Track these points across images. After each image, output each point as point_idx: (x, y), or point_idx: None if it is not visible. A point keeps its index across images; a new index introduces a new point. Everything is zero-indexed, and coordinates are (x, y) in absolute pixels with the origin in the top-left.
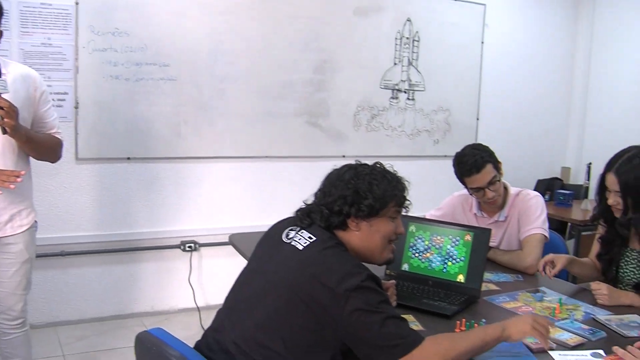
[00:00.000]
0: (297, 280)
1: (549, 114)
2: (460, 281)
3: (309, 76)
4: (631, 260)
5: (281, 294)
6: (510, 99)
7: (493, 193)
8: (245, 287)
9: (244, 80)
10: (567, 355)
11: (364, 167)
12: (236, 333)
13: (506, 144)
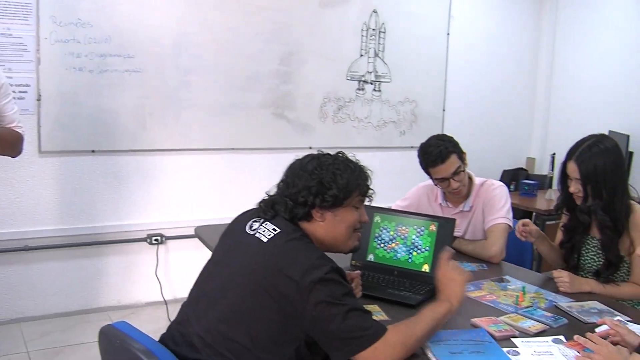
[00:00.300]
0: (261, 272)
1: (514, 105)
2: (426, 271)
3: (275, 68)
4: (591, 248)
5: (245, 286)
6: (475, 91)
7: (458, 183)
8: (210, 280)
9: (209, 72)
10: (530, 342)
11: (327, 157)
12: (201, 326)
13: (472, 135)
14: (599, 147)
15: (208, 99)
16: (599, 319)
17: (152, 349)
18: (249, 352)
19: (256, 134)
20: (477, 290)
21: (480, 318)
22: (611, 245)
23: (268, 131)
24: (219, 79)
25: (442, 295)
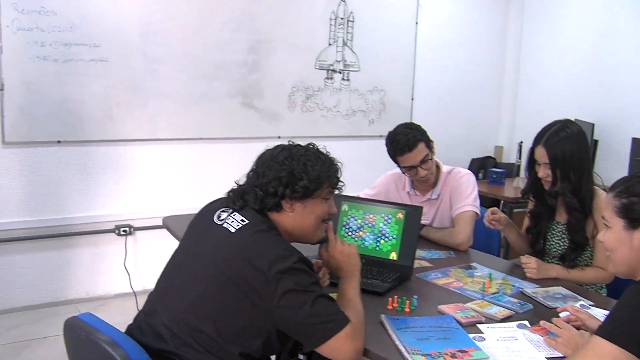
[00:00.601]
0: (229, 263)
1: (482, 94)
2: (393, 259)
3: (243, 57)
4: (557, 233)
5: (213, 277)
6: (444, 79)
7: (425, 171)
8: (177, 270)
9: (176, 61)
10: (495, 328)
11: (297, 148)
12: (168, 316)
13: (441, 124)
14: (566, 132)
15: (176, 89)
16: (563, 304)
17: (117, 340)
18: (215, 343)
19: (224, 124)
20: (445, 278)
21: (447, 305)
22: (578, 227)
23: (236, 121)
24: (186, 68)
25: (345, 272)
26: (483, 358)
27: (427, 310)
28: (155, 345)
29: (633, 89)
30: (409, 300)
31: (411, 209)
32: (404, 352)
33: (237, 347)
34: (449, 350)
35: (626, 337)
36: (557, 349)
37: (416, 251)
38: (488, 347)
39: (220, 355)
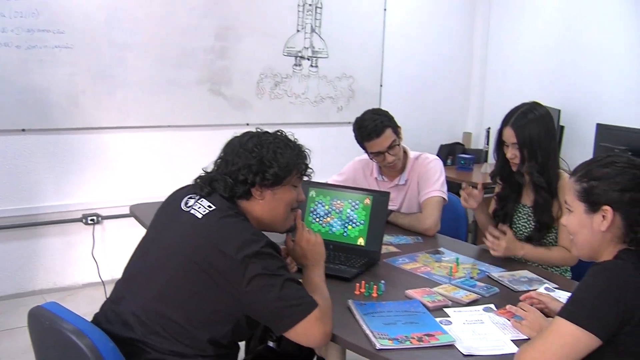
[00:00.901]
0: (196, 248)
1: (450, 80)
2: (361, 244)
3: (210, 43)
4: (523, 215)
5: (180, 263)
6: (412, 66)
7: (393, 157)
8: (144, 257)
9: (143, 48)
10: (462, 311)
11: (266, 135)
12: (135, 304)
13: (409, 110)
14: (534, 113)
15: (143, 76)
16: (529, 287)
17: (83, 329)
18: (184, 330)
19: (192, 111)
20: (412, 263)
21: (415, 289)
22: (545, 206)
23: (204, 108)
24: (153, 55)
25: (310, 261)
26: (449, 341)
27: (394, 295)
28: (122, 333)
29: (597, 76)
30: (377, 286)
31: (378, 194)
32: (370, 337)
33: (206, 334)
34: (416, 334)
35: (587, 318)
36: (522, 331)
37: (384, 237)
38: (454, 330)
39: (189, 342)
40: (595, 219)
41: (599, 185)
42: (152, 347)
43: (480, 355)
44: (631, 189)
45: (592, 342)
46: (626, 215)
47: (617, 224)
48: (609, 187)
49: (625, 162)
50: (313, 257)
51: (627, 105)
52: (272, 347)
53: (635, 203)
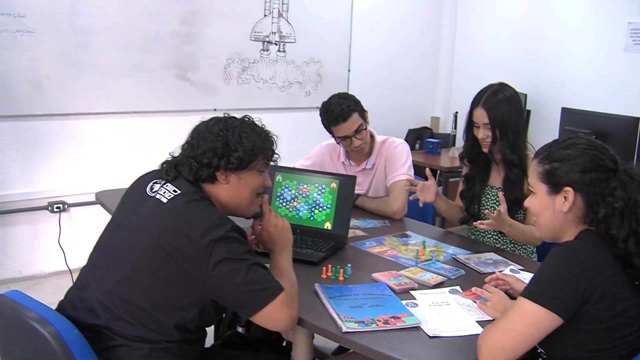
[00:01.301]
0: (161, 233)
1: (418, 65)
2: (328, 228)
3: (176, 28)
4: (491, 197)
5: (145, 248)
6: (380, 51)
7: (360, 141)
8: (109, 243)
9: (108, 33)
10: (428, 294)
11: (233, 120)
12: (101, 290)
13: (377, 95)
14: (503, 93)
15: (108, 61)
16: (494, 269)
17: (46, 317)
18: (149, 315)
19: (159, 97)
20: (379, 246)
21: (381, 273)
22: (517, 182)
23: (171, 93)
24: (118, 40)
25: (278, 245)
26: (415, 323)
27: (361, 279)
28: (87, 320)
29: (562, 61)
30: (343, 269)
31: (345, 178)
32: (337, 320)
33: (172, 319)
34: (382, 316)
35: (549, 298)
36: (487, 312)
37: (351, 220)
38: (420, 312)
39: (155, 328)
40: (557, 200)
41: (560, 167)
42: (117, 334)
43: (445, 337)
44: (591, 170)
45: (554, 321)
46: (587, 196)
47: (578, 204)
48: (570, 169)
49: (585, 143)
50: (280, 241)
51: (590, 89)
52: (241, 332)
53: (595, 184)
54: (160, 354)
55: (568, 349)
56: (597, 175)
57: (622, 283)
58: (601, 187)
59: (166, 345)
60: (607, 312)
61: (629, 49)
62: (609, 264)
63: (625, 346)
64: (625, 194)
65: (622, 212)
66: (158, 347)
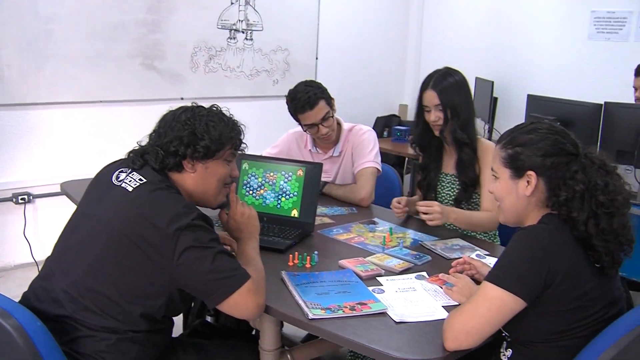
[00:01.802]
0: (127, 222)
1: (386, 53)
2: (295, 216)
3: (142, 16)
4: (446, 184)
5: (111, 237)
6: (348, 39)
7: (326, 129)
8: (74, 233)
9: (72, 21)
10: (394, 280)
11: (200, 109)
12: (66, 280)
13: (346, 83)
14: (453, 76)
15: (72, 50)
16: (461, 254)
17: (7, 309)
18: (116, 305)
19: (124, 86)
20: (346, 233)
21: (348, 259)
22: (469, 162)
23: (137, 82)
24: (82, 28)
25: (245, 233)
26: (381, 309)
27: (328, 266)
28: (52, 310)
29: (528, 49)
30: (310, 256)
31: (311, 165)
32: (303, 307)
33: (138, 308)
34: (349, 303)
35: (512, 281)
36: (453, 297)
37: (318, 208)
38: (387, 298)
39: (121, 317)
40: (520, 184)
41: (523, 151)
42: (82, 324)
43: (411, 322)
44: (553, 154)
45: (518, 304)
46: (549, 180)
47: (540, 188)
48: (532, 153)
49: (547, 128)
50: (247, 230)
51: (555, 77)
52: (210, 322)
53: (556, 167)
54: (126, 344)
55: (531, 331)
56: (558, 159)
57: (583, 266)
58: (562, 171)
59: (132, 335)
60: (569, 295)
61: (593, 37)
62: (571, 247)
63: (586, 327)
64: (585, 178)
65: (582, 195)
66: (124, 337)
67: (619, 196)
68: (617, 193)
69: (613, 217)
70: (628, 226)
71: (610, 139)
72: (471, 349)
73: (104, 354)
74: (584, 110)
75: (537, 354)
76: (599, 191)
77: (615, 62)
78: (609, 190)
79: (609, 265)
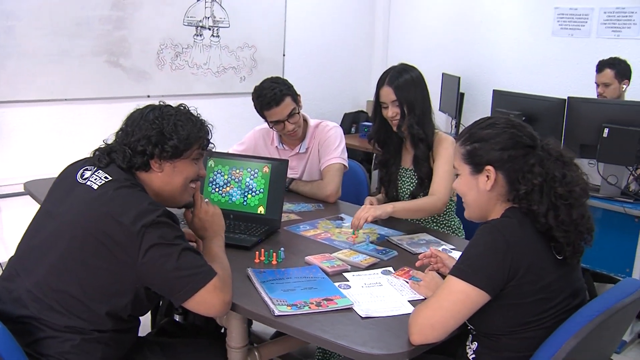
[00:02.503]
0: (91, 220)
1: (353, 49)
2: (261, 213)
3: (106, 12)
4: (406, 179)
5: (75, 235)
6: (315, 36)
7: (292, 125)
8: (38, 233)
9: (34, 17)
10: (361, 275)
11: (168, 108)
12: (30, 280)
13: (313, 79)
14: (408, 72)
15: (34, 46)
16: (427, 249)
17: None
18: (80, 304)
19: (89, 83)
20: (313, 229)
21: (314, 256)
22: (424, 158)
23: (102, 80)
24: (44, 25)
25: (210, 232)
26: (347, 305)
27: (294, 262)
28: (15, 311)
29: (493, 45)
30: (276, 253)
31: (277, 162)
32: (269, 304)
33: (104, 307)
34: (315, 299)
35: (475, 275)
36: (420, 291)
37: (285, 204)
38: (353, 294)
39: (86, 316)
40: (481, 180)
41: (481, 147)
42: (46, 325)
43: (377, 317)
44: (510, 147)
45: (482, 297)
46: (507, 173)
47: (500, 182)
48: (490, 148)
49: (504, 123)
50: (212, 228)
51: (520, 72)
52: (178, 320)
53: (514, 160)
54: (91, 344)
55: (496, 323)
56: (515, 152)
57: (546, 258)
58: (520, 164)
59: (98, 335)
60: (532, 287)
61: (556, 33)
62: (533, 239)
63: (550, 318)
64: (543, 170)
65: (541, 188)
66: (89, 337)
67: (576, 187)
68: (575, 184)
69: (572, 208)
70: (587, 216)
71: (573, 134)
72: (437, 342)
73: (68, 355)
74: (548, 105)
75: (501, 346)
76: (557, 183)
77: (578, 58)
78: (566, 181)
79: (570, 255)
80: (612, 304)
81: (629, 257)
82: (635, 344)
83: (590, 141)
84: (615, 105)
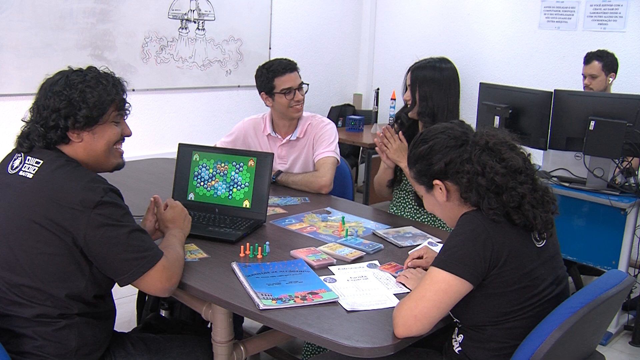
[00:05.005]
0: (34, 209)
1: (340, 42)
2: (246, 207)
3: (90, 5)
4: None
5: (19, 226)
6: (302, 28)
7: (302, 96)
8: None
9: (16, 10)
10: (346, 269)
11: (76, 75)
12: None
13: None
14: (440, 64)
15: (17, 40)
16: (413, 242)
17: None
18: (39, 292)
19: None
20: (299, 223)
21: (300, 249)
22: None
23: None
24: (27, 17)
25: (175, 229)
26: (333, 298)
27: (279, 256)
28: None
29: (480, 37)
30: (261, 247)
31: (262, 155)
32: (254, 298)
33: (62, 290)
34: (300, 293)
35: (456, 264)
36: (408, 284)
37: (270, 198)
38: (339, 287)
39: (49, 302)
40: (437, 194)
41: (420, 167)
42: (16, 319)
43: (363, 310)
44: (444, 154)
45: (464, 287)
46: (455, 180)
47: (453, 190)
48: (428, 163)
49: (434, 133)
50: (177, 224)
51: (507, 65)
52: (163, 315)
53: (451, 165)
54: (62, 332)
55: (480, 314)
56: (450, 157)
57: (525, 245)
58: (457, 164)
59: (66, 322)
60: (514, 274)
61: (543, 26)
62: (512, 228)
63: (534, 307)
64: (473, 166)
65: (478, 182)
66: (58, 325)
67: (512, 167)
68: (511, 167)
69: (516, 189)
70: (538, 187)
71: (560, 126)
72: (422, 335)
73: (44, 347)
74: (534, 98)
75: (487, 337)
76: (493, 172)
77: (565, 50)
78: (503, 167)
79: (542, 228)
80: (597, 296)
81: (615, 250)
82: (620, 336)
83: (576, 134)
84: (602, 98)
